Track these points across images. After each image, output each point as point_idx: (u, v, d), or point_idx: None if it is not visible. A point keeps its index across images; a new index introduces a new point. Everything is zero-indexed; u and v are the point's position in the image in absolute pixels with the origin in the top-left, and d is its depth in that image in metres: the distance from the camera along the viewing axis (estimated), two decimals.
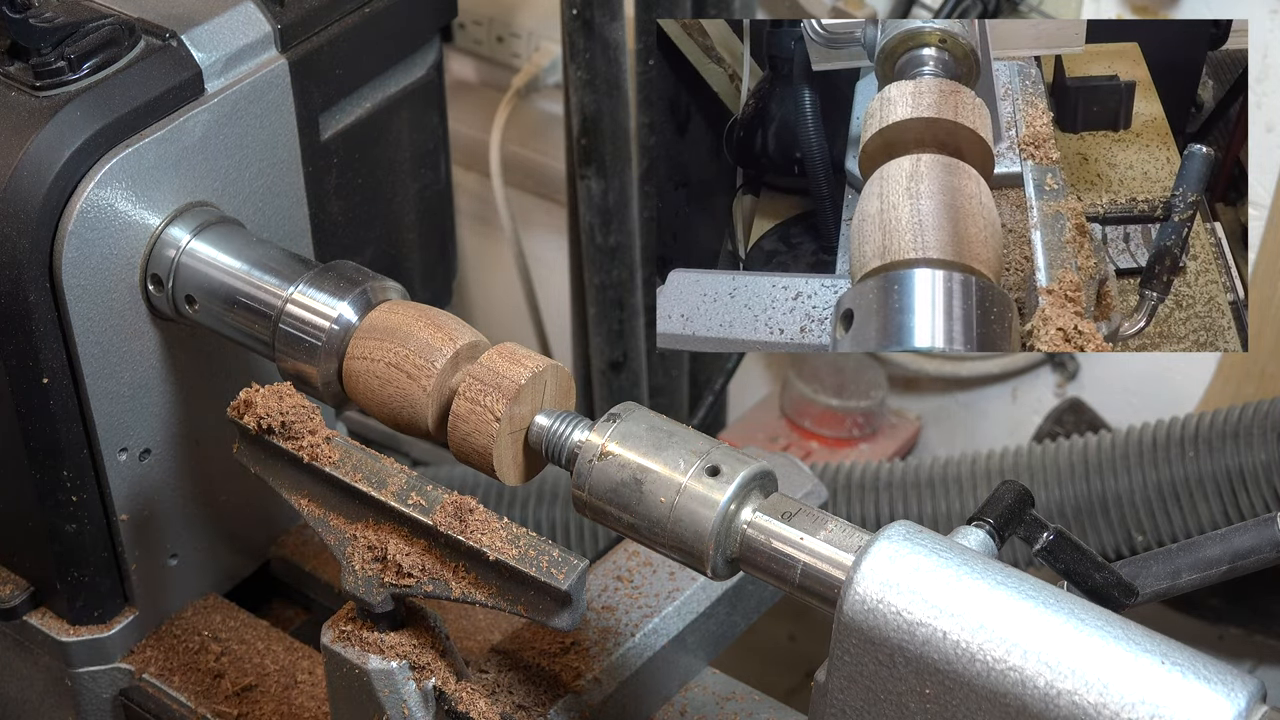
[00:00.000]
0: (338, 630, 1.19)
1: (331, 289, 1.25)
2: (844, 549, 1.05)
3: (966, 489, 1.89)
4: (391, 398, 1.19)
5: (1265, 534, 1.14)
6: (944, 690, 0.98)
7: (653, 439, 1.11)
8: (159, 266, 1.31)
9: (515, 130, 2.34)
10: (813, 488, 1.37)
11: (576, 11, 1.82)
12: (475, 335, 1.21)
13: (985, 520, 1.08)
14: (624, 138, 1.92)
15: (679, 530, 1.09)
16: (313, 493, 1.18)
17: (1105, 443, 1.86)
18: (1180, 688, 0.92)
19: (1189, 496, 1.79)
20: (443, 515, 1.12)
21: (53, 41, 1.27)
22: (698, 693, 1.37)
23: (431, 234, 1.67)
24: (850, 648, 1.01)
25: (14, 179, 1.23)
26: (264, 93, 1.37)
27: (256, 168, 1.39)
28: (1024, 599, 0.97)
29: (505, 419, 1.15)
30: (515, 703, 1.26)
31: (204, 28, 1.34)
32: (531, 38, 2.31)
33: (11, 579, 1.46)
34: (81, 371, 1.30)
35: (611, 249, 1.98)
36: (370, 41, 1.48)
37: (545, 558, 1.10)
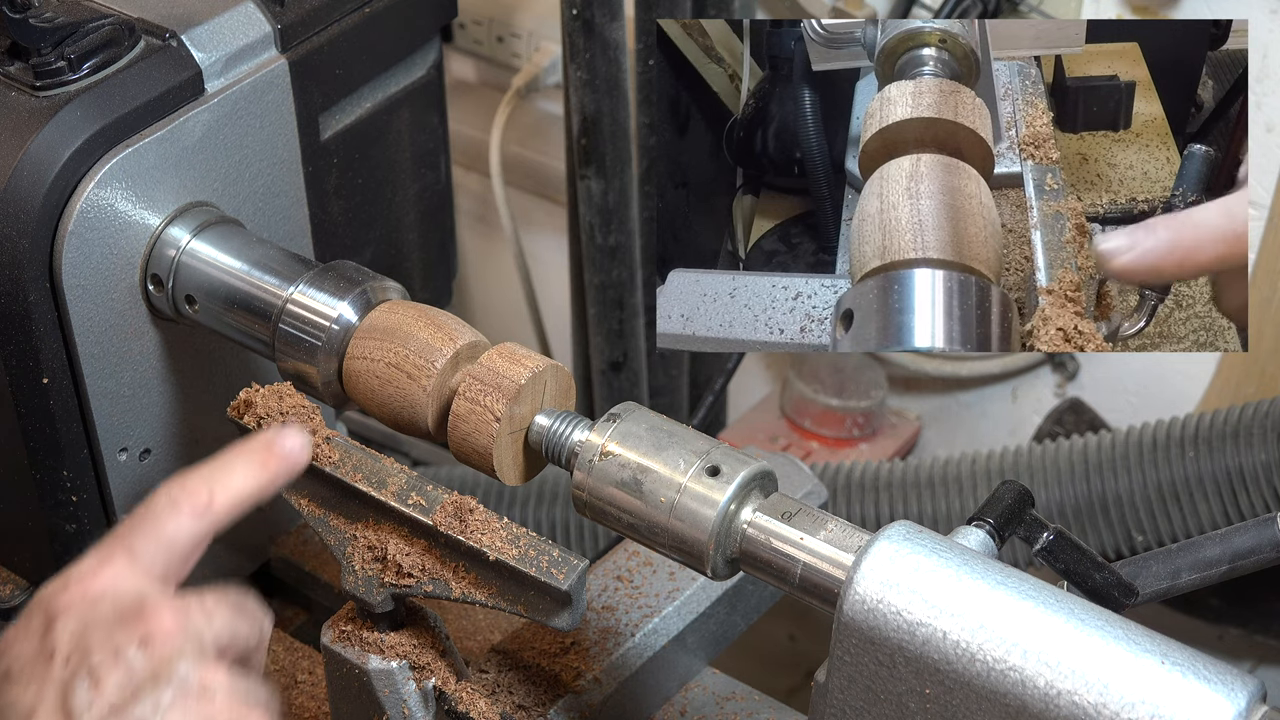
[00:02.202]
0: (338, 630, 1.19)
1: (331, 289, 1.25)
2: (844, 549, 1.05)
3: (966, 489, 1.89)
4: (391, 398, 1.19)
5: (1265, 534, 1.14)
6: (944, 690, 0.98)
7: (653, 439, 1.11)
8: (159, 266, 1.31)
9: (515, 130, 2.34)
10: (813, 488, 1.37)
11: (576, 11, 1.82)
12: (475, 335, 1.21)
13: (985, 520, 1.08)
14: (624, 138, 1.92)
15: (679, 530, 1.09)
16: (313, 493, 1.18)
17: (1105, 443, 1.86)
18: (1180, 688, 0.92)
19: (1189, 496, 1.79)
20: (443, 515, 1.12)
21: (53, 41, 1.27)
22: (698, 693, 1.37)
23: (431, 234, 1.67)
24: (850, 648, 1.01)
25: (14, 179, 1.23)
26: (264, 93, 1.37)
27: (256, 168, 1.39)
28: (1024, 599, 0.97)
29: (505, 419, 1.15)
30: (515, 703, 1.26)
31: (204, 28, 1.34)
32: (531, 38, 2.31)
33: (11, 579, 1.46)
34: (81, 371, 1.30)
35: (611, 249, 1.98)
36: (370, 41, 1.48)
37: (545, 558, 1.10)
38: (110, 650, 0.97)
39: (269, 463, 1.11)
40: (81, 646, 0.97)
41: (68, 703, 0.95)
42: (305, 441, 1.15)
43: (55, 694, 0.96)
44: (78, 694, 0.95)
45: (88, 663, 0.96)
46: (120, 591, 1.00)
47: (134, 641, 0.97)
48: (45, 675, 0.96)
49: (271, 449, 1.12)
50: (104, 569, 1.01)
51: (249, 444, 1.12)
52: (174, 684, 0.97)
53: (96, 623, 0.98)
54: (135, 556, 1.03)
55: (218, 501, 1.06)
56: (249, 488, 1.09)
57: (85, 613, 0.99)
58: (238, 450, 1.11)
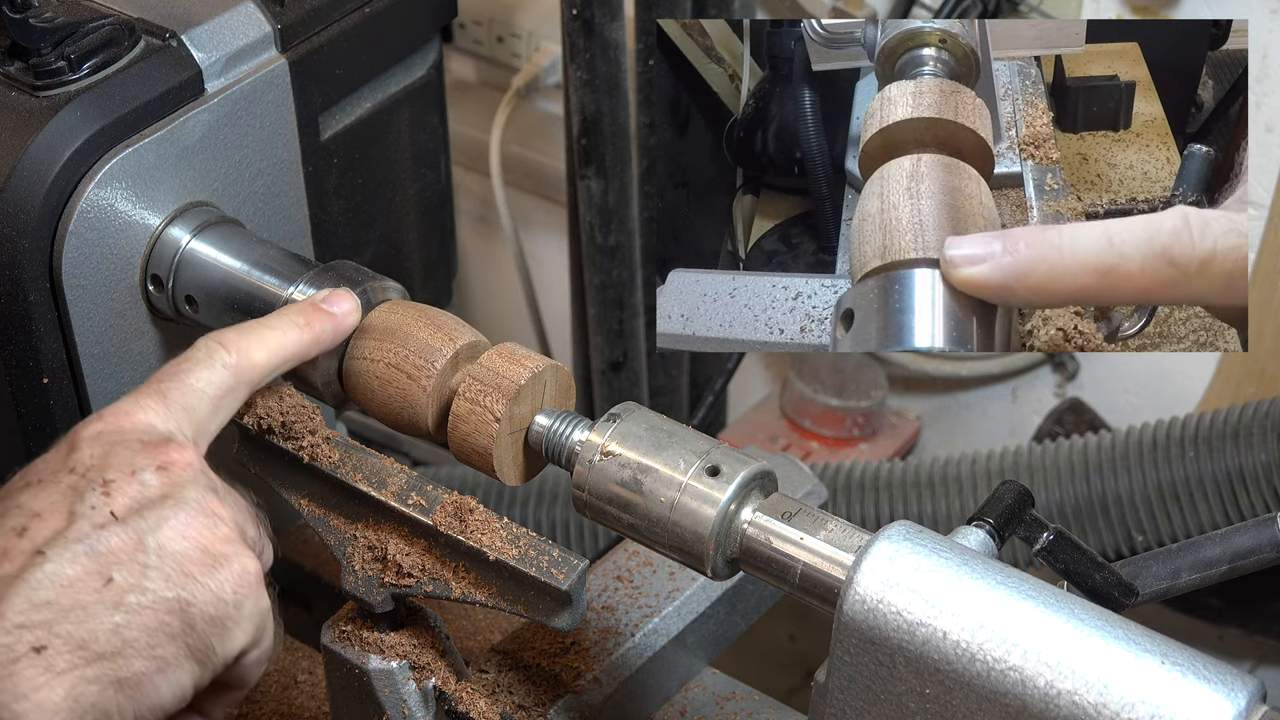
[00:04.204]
0: (338, 630, 1.19)
1: (331, 289, 1.25)
2: (844, 549, 1.05)
3: (966, 489, 1.89)
4: (391, 398, 1.19)
5: (1265, 534, 1.14)
6: (944, 690, 0.98)
7: (653, 439, 1.11)
8: (159, 266, 1.31)
9: (515, 130, 2.34)
10: (813, 488, 1.37)
11: (576, 11, 1.82)
12: (475, 335, 1.21)
13: (985, 520, 1.08)
14: (624, 138, 1.92)
15: (679, 530, 1.09)
16: (313, 493, 1.18)
17: (1105, 443, 1.86)
18: (1180, 688, 0.92)
19: (1189, 496, 1.79)
20: (443, 515, 1.12)
21: (53, 41, 1.27)
22: (698, 693, 1.37)
23: (431, 234, 1.67)
24: (850, 648, 1.01)
25: (14, 179, 1.23)
26: (264, 93, 1.37)
27: (256, 168, 1.39)
28: (1024, 599, 0.97)
29: (505, 419, 1.15)
30: (515, 703, 1.26)
31: (204, 28, 1.34)
32: (531, 38, 2.31)
33: None
34: (81, 371, 1.30)
35: (611, 249, 1.98)
36: (370, 41, 1.48)
37: (545, 558, 1.10)
38: (127, 469, 1.00)
39: (313, 322, 1.15)
40: (101, 465, 1.00)
41: (74, 506, 0.97)
42: (354, 305, 1.18)
43: (64, 498, 0.98)
44: (86, 498, 0.98)
45: (102, 476, 0.99)
46: (149, 429, 1.04)
47: (151, 466, 1.00)
48: (60, 484, 0.99)
49: (317, 309, 1.16)
50: (136, 411, 1.04)
51: (295, 305, 1.16)
52: (182, 505, 1.00)
53: (120, 448, 1.01)
54: (168, 402, 1.06)
55: (253, 356, 1.10)
56: (287, 344, 1.12)
57: (112, 439, 1.02)
58: (283, 309, 1.16)
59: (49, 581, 0.94)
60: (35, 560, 0.95)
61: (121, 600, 0.95)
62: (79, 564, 0.95)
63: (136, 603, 0.96)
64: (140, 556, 0.97)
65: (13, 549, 0.95)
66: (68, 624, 0.93)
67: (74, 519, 0.97)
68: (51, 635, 0.93)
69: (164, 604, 0.97)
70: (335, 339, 1.16)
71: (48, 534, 0.96)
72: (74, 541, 0.96)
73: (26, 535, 0.96)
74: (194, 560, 0.99)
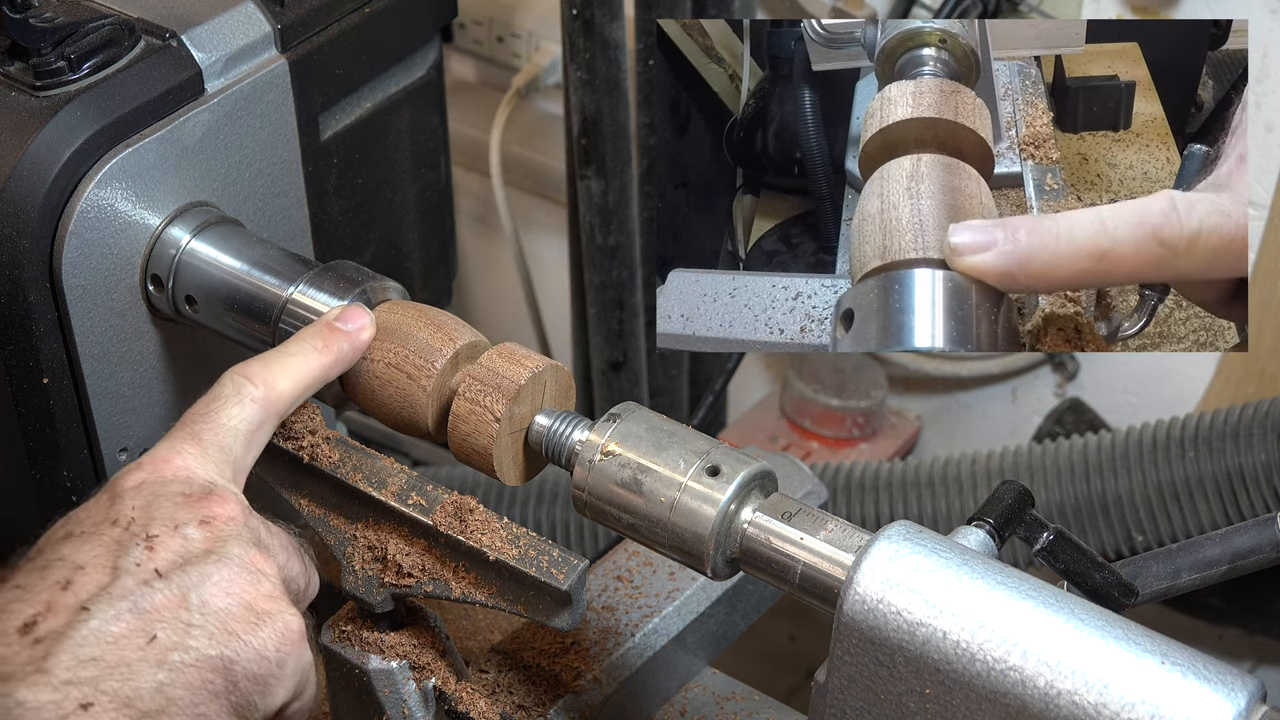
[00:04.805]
0: (338, 630, 1.19)
1: (331, 289, 1.25)
2: (844, 549, 1.05)
3: (966, 489, 1.89)
4: (391, 398, 1.19)
5: (1265, 534, 1.14)
6: (944, 690, 0.98)
7: (653, 439, 1.11)
8: (159, 266, 1.31)
9: (515, 130, 2.34)
10: (813, 488, 1.37)
11: (576, 11, 1.82)
12: (475, 335, 1.21)
13: (985, 520, 1.08)
14: (624, 138, 1.92)
15: (679, 530, 1.09)
16: (313, 493, 1.18)
17: (1105, 443, 1.86)
18: (1180, 688, 0.92)
19: (1189, 496, 1.79)
20: (443, 515, 1.12)
21: (53, 41, 1.27)
22: (698, 693, 1.36)
23: (431, 234, 1.67)
24: (850, 648, 1.01)
25: (14, 179, 1.23)
26: (264, 93, 1.37)
27: (256, 168, 1.39)
28: (1024, 599, 0.97)
29: (505, 419, 1.15)
30: (515, 703, 1.26)
31: (204, 28, 1.34)
32: (531, 38, 2.31)
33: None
34: (81, 371, 1.30)
35: (611, 249, 1.98)
36: (370, 41, 1.48)
37: (545, 558, 1.10)
38: (171, 524, 0.99)
39: (331, 344, 1.15)
40: (144, 518, 0.99)
41: (118, 561, 0.97)
42: (368, 320, 1.18)
43: (108, 552, 0.97)
44: (130, 553, 0.97)
45: (146, 531, 0.98)
46: (190, 478, 1.03)
47: (195, 520, 1.00)
48: (103, 536, 0.98)
49: (333, 329, 1.16)
50: (175, 457, 1.04)
51: (310, 328, 1.16)
52: (225, 561, 0.99)
53: (162, 500, 1.01)
54: (203, 445, 1.06)
55: (280, 387, 1.10)
56: (310, 370, 1.13)
57: (154, 490, 1.01)
58: (299, 334, 1.15)
59: (94, 638, 0.93)
60: (80, 616, 0.94)
61: (165, 658, 0.95)
62: (123, 621, 0.94)
63: (180, 660, 0.95)
64: (184, 614, 0.96)
65: (57, 603, 0.94)
66: (113, 681, 0.93)
67: (118, 574, 0.96)
68: (98, 693, 0.92)
69: (207, 662, 0.96)
70: (354, 357, 1.16)
71: (92, 589, 0.95)
72: (118, 598, 0.95)
73: (71, 589, 0.95)
74: (237, 618, 0.98)
